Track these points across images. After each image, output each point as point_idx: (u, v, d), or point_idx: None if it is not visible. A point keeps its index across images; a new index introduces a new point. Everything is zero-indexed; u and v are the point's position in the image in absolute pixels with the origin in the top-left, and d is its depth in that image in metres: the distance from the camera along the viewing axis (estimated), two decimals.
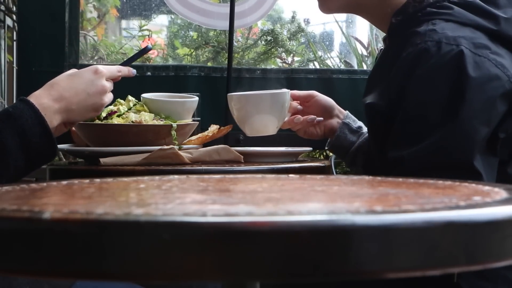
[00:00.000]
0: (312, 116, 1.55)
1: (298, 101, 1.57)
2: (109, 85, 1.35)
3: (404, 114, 1.20)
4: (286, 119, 1.55)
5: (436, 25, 1.22)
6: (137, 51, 1.62)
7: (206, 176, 0.89)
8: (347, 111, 1.60)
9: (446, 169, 1.14)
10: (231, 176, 0.90)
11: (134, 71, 1.44)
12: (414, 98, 1.19)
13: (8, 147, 1.17)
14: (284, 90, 1.53)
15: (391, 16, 1.32)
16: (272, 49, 2.74)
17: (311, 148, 1.69)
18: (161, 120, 1.52)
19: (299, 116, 1.56)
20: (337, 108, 1.59)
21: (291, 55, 2.89)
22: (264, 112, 1.50)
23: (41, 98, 1.24)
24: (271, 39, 2.71)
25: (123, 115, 1.51)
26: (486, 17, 1.24)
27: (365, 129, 1.55)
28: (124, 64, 1.44)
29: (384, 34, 1.41)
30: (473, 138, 1.15)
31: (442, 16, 1.24)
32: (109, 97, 1.35)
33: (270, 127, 1.52)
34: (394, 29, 1.32)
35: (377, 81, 1.31)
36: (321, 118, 1.56)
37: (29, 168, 1.22)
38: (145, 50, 1.56)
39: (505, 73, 1.17)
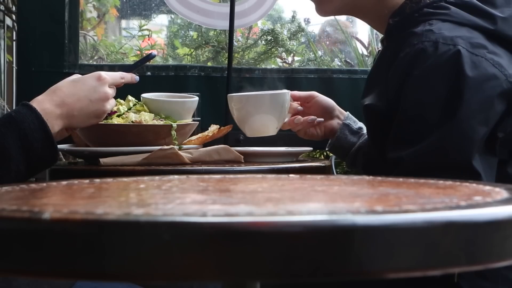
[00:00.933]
0: (313, 117, 1.55)
1: (299, 102, 1.57)
2: (111, 92, 1.35)
3: (402, 114, 1.20)
4: (286, 119, 1.54)
5: (433, 25, 1.22)
6: (141, 58, 1.62)
7: (206, 176, 0.89)
8: (347, 112, 1.60)
9: (445, 169, 1.14)
10: (231, 176, 0.90)
11: (137, 77, 1.44)
12: (412, 99, 1.19)
13: (9, 151, 1.17)
14: (284, 90, 1.53)
15: (388, 17, 1.32)
16: (272, 49, 2.73)
17: (311, 148, 1.69)
18: (161, 120, 1.52)
19: (300, 116, 1.56)
20: (338, 109, 1.59)
21: (291, 55, 2.88)
22: (264, 113, 1.50)
23: (43, 103, 1.24)
24: (271, 39, 2.70)
25: (123, 115, 1.50)
26: (483, 17, 1.24)
27: (365, 130, 1.55)
28: (127, 70, 1.44)
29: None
30: (471, 138, 1.14)
31: (439, 16, 1.24)
32: (111, 104, 1.35)
33: (270, 128, 1.52)
34: (391, 30, 1.32)
35: (375, 82, 1.31)
36: (322, 119, 1.56)
37: (30, 172, 1.22)
38: (149, 57, 1.56)
39: (502, 73, 1.17)
